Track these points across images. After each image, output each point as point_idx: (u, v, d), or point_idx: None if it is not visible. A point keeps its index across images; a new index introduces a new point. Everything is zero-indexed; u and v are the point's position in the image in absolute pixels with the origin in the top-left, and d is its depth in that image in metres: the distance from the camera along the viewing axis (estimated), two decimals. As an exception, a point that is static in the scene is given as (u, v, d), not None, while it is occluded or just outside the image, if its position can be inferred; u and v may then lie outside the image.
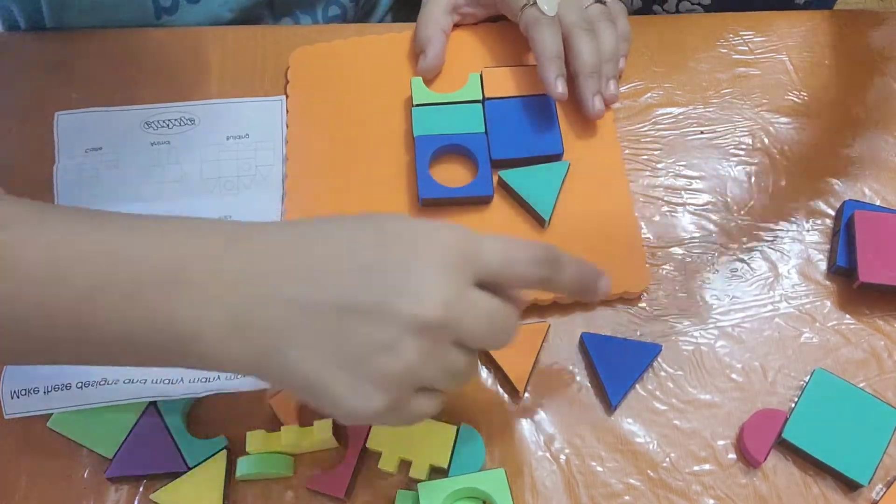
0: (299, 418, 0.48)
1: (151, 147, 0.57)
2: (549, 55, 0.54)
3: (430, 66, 0.57)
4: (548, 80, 0.54)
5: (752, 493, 0.46)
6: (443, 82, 0.58)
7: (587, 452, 0.47)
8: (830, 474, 0.46)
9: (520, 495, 0.46)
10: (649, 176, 0.56)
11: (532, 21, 0.54)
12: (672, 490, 0.46)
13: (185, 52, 0.62)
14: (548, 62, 0.54)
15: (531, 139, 0.55)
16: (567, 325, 0.51)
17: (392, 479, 0.47)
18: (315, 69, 0.59)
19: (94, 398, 0.47)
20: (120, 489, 0.47)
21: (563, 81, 0.54)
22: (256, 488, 0.47)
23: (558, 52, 0.54)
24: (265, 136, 0.58)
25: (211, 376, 0.48)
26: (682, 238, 0.54)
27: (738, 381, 0.49)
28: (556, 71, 0.54)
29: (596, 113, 0.55)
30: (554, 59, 0.54)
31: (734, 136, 0.58)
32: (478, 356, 0.39)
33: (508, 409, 0.49)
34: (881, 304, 0.51)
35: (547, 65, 0.54)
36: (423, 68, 0.57)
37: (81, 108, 0.58)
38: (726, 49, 0.61)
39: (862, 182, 0.56)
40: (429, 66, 0.57)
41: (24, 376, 0.48)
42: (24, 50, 0.62)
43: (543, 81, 0.54)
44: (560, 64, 0.54)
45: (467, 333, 0.36)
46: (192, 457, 0.47)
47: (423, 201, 0.53)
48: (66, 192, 0.56)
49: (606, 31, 0.56)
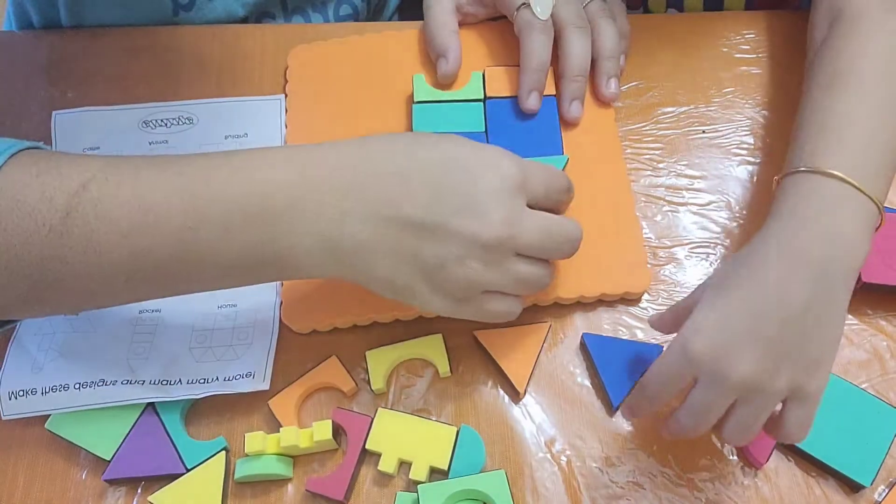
0: (298, 419, 0.48)
1: (149, 146, 0.57)
2: (530, 67, 0.54)
3: (453, 71, 0.57)
4: (521, 93, 0.54)
5: (754, 495, 0.46)
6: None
7: (588, 453, 0.47)
8: (832, 475, 0.46)
9: (520, 497, 0.46)
10: (650, 175, 0.56)
11: (524, 25, 0.54)
12: (674, 491, 0.46)
13: (183, 50, 0.62)
14: (527, 73, 0.54)
15: (531, 139, 0.54)
16: (568, 326, 0.51)
17: (392, 481, 0.47)
18: (313, 68, 0.59)
19: (92, 399, 0.47)
20: (118, 491, 0.47)
21: (536, 95, 0.54)
22: (255, 490, 0.47)
23: (541, 63, 0.54)
24: (264, 136, 0.58)
25: (210, 377, 0.48)
26: (683, 238, 0.54)
27: (740, 382, 0.49)
28: (532, 84, 0.54)
29: (571, 118, 0.55)
30: (534, 70, 0.54)
31: (736, 135, 0.57)
32: (549, 267, 0.44)
33: (509, 409, 0.49)
34: (884, 304, 0.51)
35: (525, 77, 0.54)
36: (444, 74, 0.57)
37: (79, 108, 0.58)
38: (728, 48, 0.61)
39: (864, 181, 0.55)
40: (451, 71, 0.57)
41: (23, 377, 0.48)
42: (21, 49, 0.62)
43: (518, 91, 0.54)
44: (540, 77, 0.54)
45: (525, 246, 0.41)
46: (190, 458, 0.46)
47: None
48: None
49: (606, 29, 0.56)
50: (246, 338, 0.50)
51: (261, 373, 0.48)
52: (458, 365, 0.50)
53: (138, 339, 0.50)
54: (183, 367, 0.49)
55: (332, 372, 0.49)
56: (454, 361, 0.50)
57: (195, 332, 0.50)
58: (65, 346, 0.50)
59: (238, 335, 0.50)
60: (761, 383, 0.39)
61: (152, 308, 0.51)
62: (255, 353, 0.49)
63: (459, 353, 0.50)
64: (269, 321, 0.51)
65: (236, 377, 0.48)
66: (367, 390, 0.49)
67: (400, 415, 0.47)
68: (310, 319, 0.50)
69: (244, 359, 0.49)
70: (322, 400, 0.49)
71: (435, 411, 0.49)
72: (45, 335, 0.50)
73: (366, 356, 0.49)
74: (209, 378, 0.48)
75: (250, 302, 0.51)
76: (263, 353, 0.49)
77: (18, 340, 0.50)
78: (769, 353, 0.39)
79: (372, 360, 0.49)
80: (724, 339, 0.39)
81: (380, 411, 0.47)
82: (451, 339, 0.50)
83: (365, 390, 0.49)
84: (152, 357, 0.49)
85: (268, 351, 0.49)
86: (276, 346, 0.50)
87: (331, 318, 0.50)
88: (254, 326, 0.50)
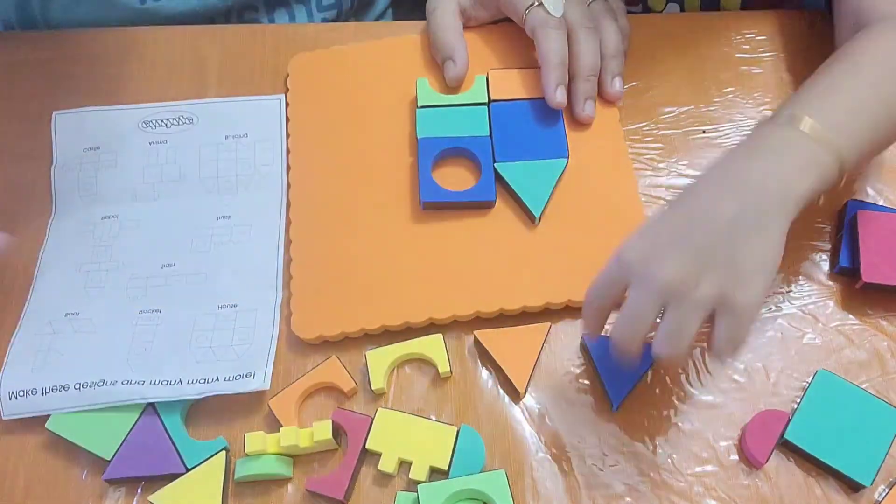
0: (299, 419, 0.48)
1: (149, 146, 0.57)
2: (553, 62, 0.53)
3: (461, 74, 0.57)
4: (548, 89, 0.54)
5: (755, 495, 0.46)
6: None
7: (588, 454, 0.47)
8: (833, 475, 0.46)
9: (520, 497, 0.46)
10: (651, 175, 0.56)
11: (538, 23, 0.54)
12: (674, 491, 0.46)
13: (183, 51, 0.62)
14: (551, 70, 0.54)
15: (536, 142, 0.54)
16: (568, 326, 0.51)
17: (392, 481, 0.47)
18: (315, 75, 0.59)
19: (93, 399, 0.47)
20: (118, 490, 0.47)
21: (563, 90, 0.54)
22: (255, 490, 0.47)
23: (562, 59, 0.54)
24: (264, 135, 0.58)
25: (210, 377, 0.48)
26: (683, 238, 0.54)
27: (741, 382, 0.49)
28: (558, 79, 0.54)
29: (585, 117, 0.55)
30: (557, 66, 0.53)
31: (737, 134, 0.57)
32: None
33: (509, 410, 0.49)
34: (884, 304, 0.51)
35: (550, 72, 0.54)
36: (453, 77, 0.57)
37: (79, 108, 0.58)
38: (728, 48, 0.61)
39: (865, 182, 0.55)
40: (459, 74, 0.57)
41: (23, 377, 0.48)
42: (21, 50, 0.62)
43: (543, 88, 0.54)
44: (563, 72, 0.54)
45: None
46: (190, 458, 0.46)
47: (424, 205, 0.53)
48: (64, 191, 0.56)
49: (610, 28, 0.56)
50: (246, 338, 0.50)
51: (261, 373, 0.48)
52: (458, 365, 0.50)
53: (138, 340, 0.50)
54: (183, 367, 0.49)
55: (332, 372, 0.49)
56: (454, 361, 0.50)
57: (195, 333, 0.50)
58: (65, 346, 0.50)
59: (238, 335, 0.50)
60: (686, 287, 0.40)
61: (152, 308, 0.51)
62: (255, 353, 0.49)
63: (459, 353, 0.50)
64: (269, 321, 0.51)
65: (236, 377, 0.48)
66: (367, 390, 0.49)
67: (400, 415, 0.47)
68: (319, 328, 0.50)
69: (244, 359, 0.49)
70: (322, 400, 0.49)
71: (435, 411, 0.49)
72: (45, 335, 0.50)
73: (366, 356, 0.49)
74: (209, 378, 0.48)
75: (250, 302, 0.51)
76: (263, 353, 0.49)
77: (18, 340, 0.50)
78: (696, 258, 0.40)
79: (372, 360, 0.49)
80: (652, 244, 0.42)
81: (380, 411, 0.47)
82: (452, 339, 0.50)
83: (365, 390, 0.49)
84: (152, 357, 0.49)
85: (268, 351, 0.49)
86: (276, 346, 0.50)
87: (340, 327, 0.50)
88: (254, 326, 0.50)
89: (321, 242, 0.53)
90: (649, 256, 0.41)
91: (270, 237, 0.54)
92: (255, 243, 0.54)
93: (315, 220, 0.54)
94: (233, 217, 0.55)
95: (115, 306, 0.51)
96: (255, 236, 0.54)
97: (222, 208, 0.55)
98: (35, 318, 0.51)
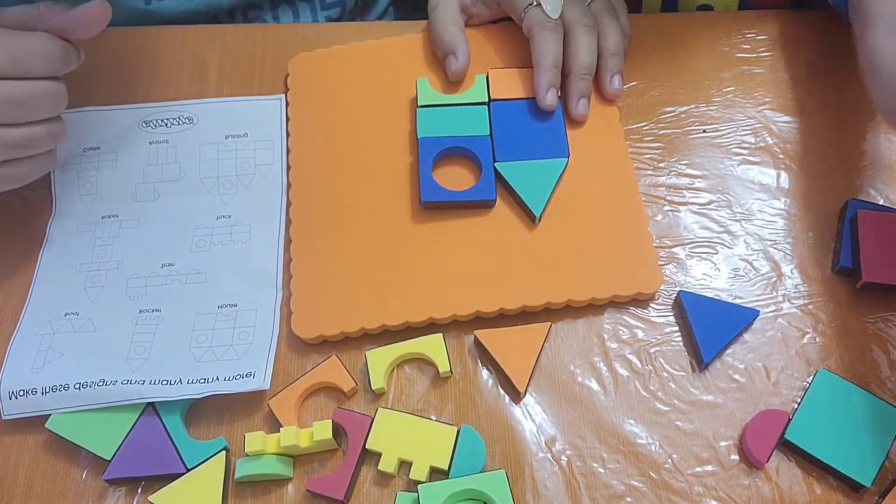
0: (299, 419, 0.48)
1: (150, 146, 0.57)
2: (544, 64, 0.54)
3: (463, 68, 0.57)
4: (539, 91, 0.54)
5: (755, 495, 0.46)
6: (448, 83, 0.58)
7: (589, 454, 0.47)
8: (833, 475, 0.46)
9: (521, 497, 0.46)
10: (651, 175, 0.56)
11: (535, 24, 0.54)
12: (674, 491, 0.46)
13: (183, 50, 0.62)
14: (543, 71, 0.54)
15: (536, 142, 0.54)
16: (568, 326, 0.51)
17: (392, 481, 0.47)
18: (315, 75, 0.59)
19: (93, 399, 0.47)
20: (118, 490, 0.47)
21: (553, 92, 0.54)
22: (255, 490, 0.47)
23: (555, 61, 0.54)
24: (264, 135, 0.58)
25: (210, 377, 0.48)
26: (684, 238, 0.54)
27: (741, 382, 0.49)
28: (549, 81, 0.54)
29: (578, 115, 0.55)
30: (550, 68, 0.54)
31: (737, 134, 0.57)
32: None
33: (509, 409, 0.49)
34: (885, 303, 0.51)
35: (541, 74, 0.54)
36: (455, 72, 0.57)
37: (79, 108, 0.58)
38: (729, 47, 0.61)
39: (865, 181, 0.55)
40: (461, 68, 0.57)
41: (23, 377, 0.48)
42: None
43: (535, 90, 0.54)
44: (555, 73, 0.54)
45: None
46: (190, 458, 0.46)
47: (424, 204, 0.53)
48: (64, 191, 0.56)
49: (611, 27, 0.56)
50: (246, 338, 0.50)
51: (261, 373, 0.48)
52: (458, 365, 0.50)
53: (138, 339, 0.50)
54: (183, 367, 0.49)
55: (332, 372, 0.49)
56: (454, 361, 0.50)
57: (195, 332, 0.50)
58: (65, 346, 0.50)
59: (238, 335, 0.50)
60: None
61: (152, 308, 0.51)
62: (255, 353, 0.49)
63: (459, 352, 0.50)
64: (270, 321, 0.51)
65: (236, 377, 0.48)
66: (367, 390, 0.49)
67: (400, 415, 0.47)
68: (319, 327, 0.50)
69: (244, 359, 0.49)
70: (322, 400, 0.49)
71: (435, 411, 0.49)
72: (45, 335, 0.50)
73: (366, 356, 0.49)
74: (209, 378, 0.48)
75: (250, 302, 0.51)
76: (263, 353, 0.49)
77: (18, 340, 0.50)
78: None
79: (372, 360, 0.49)
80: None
81: (380, 411, 0.47)
82: (452, 338, 0.50)
83: (365, 390, 0.49)
84: (152, 357, 0.49)
85: (268, 351, 0.49)
86: (276, 345, 0.50)
87: (340, 326, 0.50)
88: (254, 326, 0.50)
89: (321, 242, 0.53)
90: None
91: (270, 237, 0.54)
92: (255, 243, 0.54)
93: (315, 220, 0.54)
94: (233, 216, 0.55)
95: (115, 306, 0.51)
96: (255, 236, 0.54)
97: (222, 208, 0.55)
98: (35, 318, 0.51)
